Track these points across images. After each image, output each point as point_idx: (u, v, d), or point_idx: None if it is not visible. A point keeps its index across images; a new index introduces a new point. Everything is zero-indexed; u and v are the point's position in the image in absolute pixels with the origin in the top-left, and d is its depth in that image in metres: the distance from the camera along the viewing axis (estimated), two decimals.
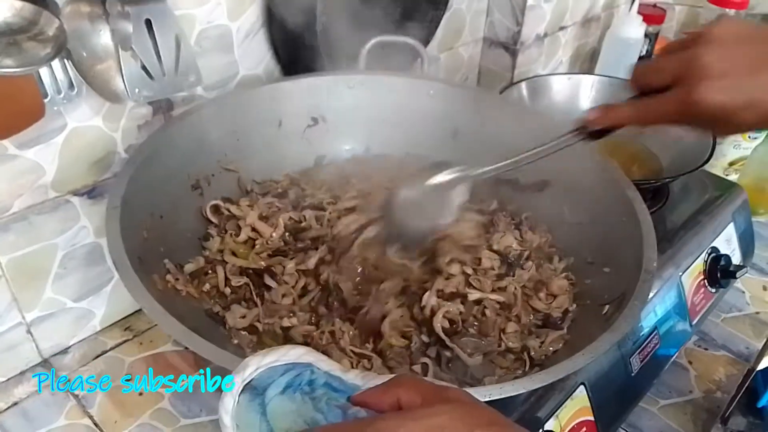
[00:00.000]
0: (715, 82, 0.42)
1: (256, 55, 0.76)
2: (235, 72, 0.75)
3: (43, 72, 0.57)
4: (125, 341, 0.75)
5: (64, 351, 0.73)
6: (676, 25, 1.32)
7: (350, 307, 0.58)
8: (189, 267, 0.60)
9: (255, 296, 0.60)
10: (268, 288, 0.61)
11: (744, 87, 0.42)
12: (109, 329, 0.76)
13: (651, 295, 0.64)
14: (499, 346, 0.56)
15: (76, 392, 0.68)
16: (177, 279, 0.56)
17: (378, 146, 0.78)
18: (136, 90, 0.62)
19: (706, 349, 0.79)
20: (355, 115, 0.76)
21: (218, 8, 0.69)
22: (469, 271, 0.61)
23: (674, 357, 0.76)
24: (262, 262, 0.63)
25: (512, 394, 0.41)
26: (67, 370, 0.70)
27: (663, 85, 0.45)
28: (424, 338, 0.56)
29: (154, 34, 0.61)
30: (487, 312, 0.58)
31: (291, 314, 0.58)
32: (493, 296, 0.59)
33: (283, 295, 0.59)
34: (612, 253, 0.60)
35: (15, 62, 0.47)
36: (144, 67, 0.62)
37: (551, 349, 0.54)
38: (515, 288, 0.60)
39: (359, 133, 0.77)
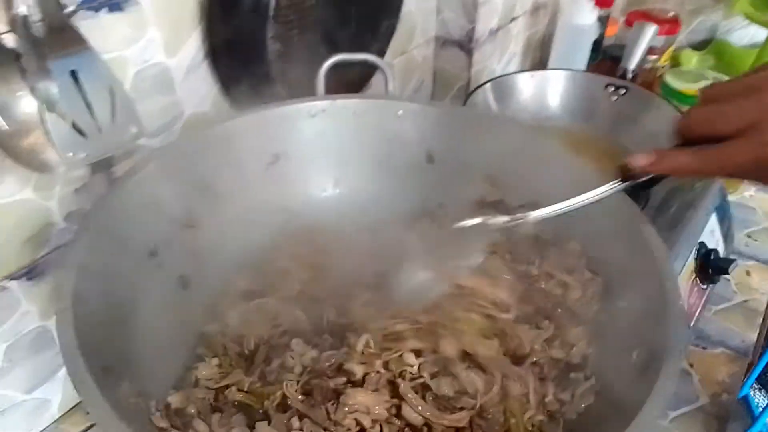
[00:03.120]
0: None
1: (201, 91, 0.67)
2: (180, 112, 0.66)
3: None
4: (90, 427, 0.66)
5: None
6: (622, 4, 1.30)
7: None
8: (174, 400, 0.49)
9: None
10: None
11: None
12: (69, 416, 0.68)
13: None
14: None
15: None
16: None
17: (348, 178, 0.71)
18: (70, 154, 0.53)
19: (704, 348, 0.77)
20: (319, 147, 0.69)
21: (152, 45, 0.61)
22: None
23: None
24: None
25: None
26: None
27: (728, 134, 0.40)
28: None
29: (81, 87, 0.53)
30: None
31: None
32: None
33: None
34: (623, 285, 0.55)
35: None
36: (75, 126, 0.53)
37: (583, 405, 0.50)
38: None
39: (327, 166, 0.70)
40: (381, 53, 0.82)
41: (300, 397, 0.48)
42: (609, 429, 0.43)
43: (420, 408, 0.48)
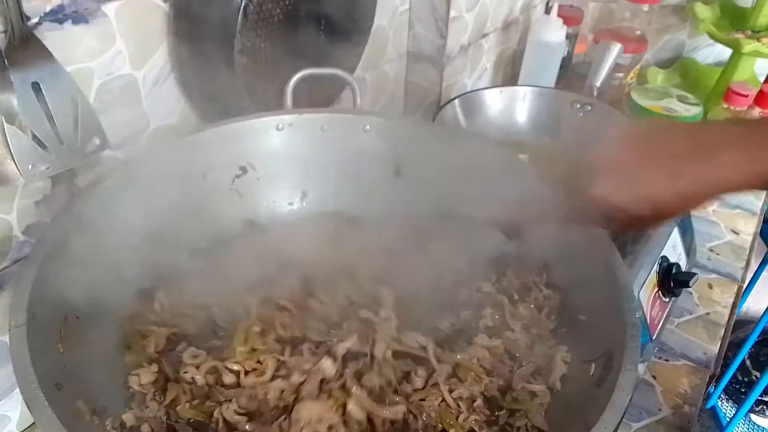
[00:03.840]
0: (602, 180, 0.43)
1: (167, 103, 0.67)
2: (145, 125, 0.66)
3: None
4: None
5: None
6: (591, 22, 1.33)
7: None
8: (128, 418, 0.48)
9: None
10: None
11: (629, 182, 0.43)
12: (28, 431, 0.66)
13: None
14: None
15: None
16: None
17: (316, 192, 0.71)
18: (29, 166, 0.53)
19: (666, 360, 0.79)
20: (287, 160, 0.69)
21: (119, 57, 0.60)
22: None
23: (641, 374, 0.75)
24: None
25: None
26: None
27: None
28: None
29: (44, 99, 0.52)
30: None
31: None
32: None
33: None
34: (583, 299, 0.56)
35: None
36: (36, 138, 0.53)
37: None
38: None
39: (294, 179, 0.70)
40: (352, 68, 0.83)
41: (244, 419, 0.48)
42: None
43: (363, 402, 0.48)
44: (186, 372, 0.51)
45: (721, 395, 1.74)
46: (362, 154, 0.70)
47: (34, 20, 0.53)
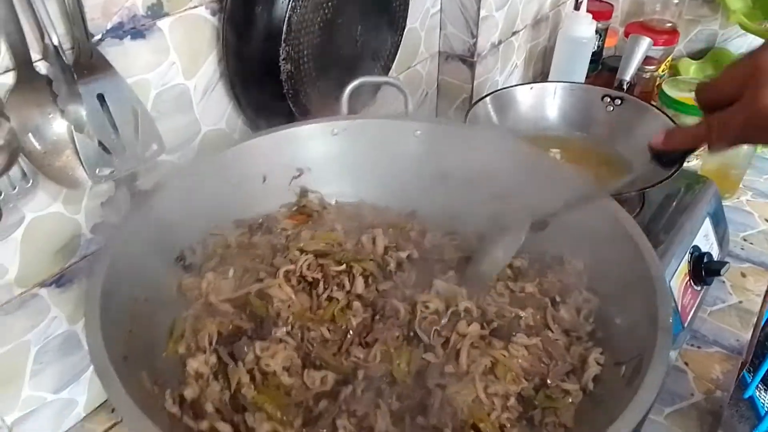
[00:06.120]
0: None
1: (216, 109, 0.72)
2: (197, 130, 0.71)
3: None
4: (114, 425, 0.71)
5: None
6: (621, 15, 1.33)
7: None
8: (188, 392, 0.52)
9: None
10: None
11: None
12: (94, 414, 0.72)
13: None
14: None
15: None
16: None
17: (368, 193, 0.74)
18: (97, 171, 0.57)
19: (699, 347, 0.80)
20: (341, 163, 0.72)
21: (172, 68, 0.65)
22: None
23: (673, 361, 0.77)
24: None
25: None
26: None
27: (728, 99, 0.41)
28: None
29: (108, 109, 0.57)
30: None
31: None
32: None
33: None
34: (620, 302, 0.57)
35: None
36: (102, 145, 0.57)
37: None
38: None
39: (347, 182, 0.74)
40: (387, 69, 0.86)
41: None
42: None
43: None
44: (268, 365, 0.53)
45: (759, 385, 1.73)
46: (413, 159, 0.72)
47: (97, 37, 0.58)
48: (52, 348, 0.65)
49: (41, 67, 0.53)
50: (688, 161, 1.06)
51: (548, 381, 0.54)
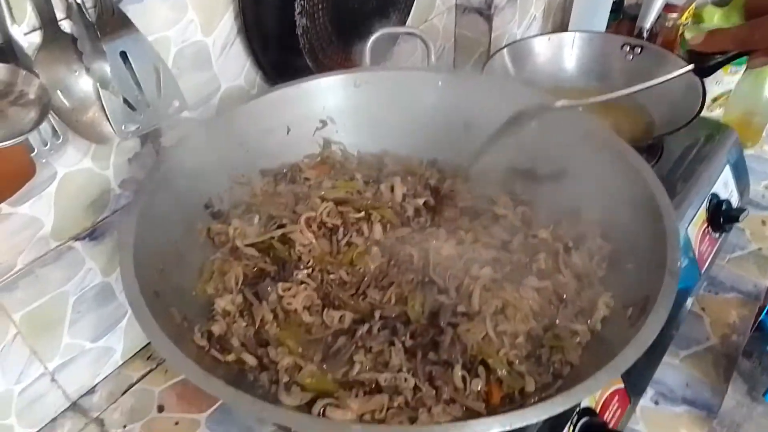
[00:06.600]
0: None
1: (235, 66, 0.73)
2: (217, 87, 0.72)
3: None
4: (150, 371, 0.74)
5: (91, 391, 0.72)
6: None
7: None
8: (216, 328, 0.55)
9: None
10: None
11: None
12: (131, 362, 0.76)
13: None
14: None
15: (113, 431, 0.68)
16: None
17: (390, 143, 0.75)
18: (123, 127, 0.60)
19: (716, 293, 0.81)
20: (363, 115, 0.74)
21: (191, 25, 0.66)
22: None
23: (689, 306, 0.78)
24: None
25: (540, 419, 0.41)
26: (97, 410, 0.70)
27: None
28: None
29: (131, 66, 0.59)
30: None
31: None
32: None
33: None
34: (633, 248, 0.57)
35: (2, 134, 0.45)
36: (126, 101, 0.60)
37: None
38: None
39: (369, 133, 0.75)
40: (402, 23, 0.86)
41: None
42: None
43: None
44: (290, 304, 0.57)
45: None
46: (436, 109, 0.73)
47: None
48: (88, 298, 0.68)
49: (66, 26, 0.55)
50: (710, 110, 1.05)
51: (557, 322, 0.55)
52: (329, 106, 0.73)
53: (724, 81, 1.03)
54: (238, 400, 0.41)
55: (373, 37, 0.73)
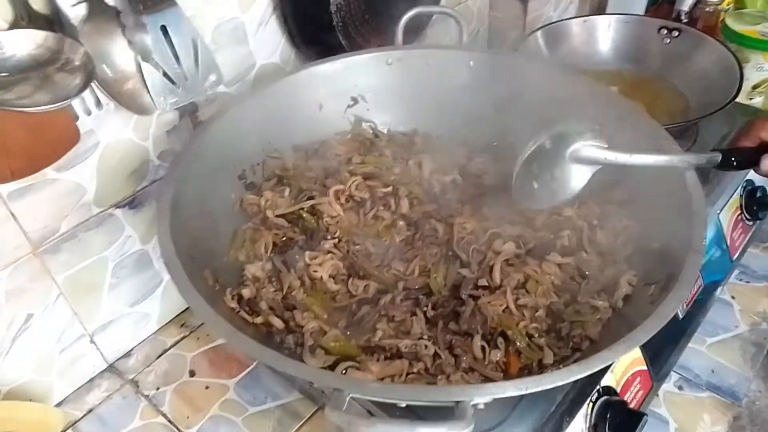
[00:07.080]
0: None
1: (270, 43, 0.75)
2: (252, 63, 0.74)
3: None
4: (183, 338, 0.77)
5: (127, 354, 0.76)
6: None
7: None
8: (246, 292, 0.57)
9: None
10: None
11: None
12: (166, 328, 0.79)
13: None
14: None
15: (146, 393, 0.71)
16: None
17: (420, 121, 0.76)
18: (162, 99, 0.62)
19: (747, 282, 0.80)
20: (395, 93, 0.75)
21: (229, 2, 0.68)
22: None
23: (718, 294, 0.77)
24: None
25: (555, 385, 0.41)
26: (132, 373, 0.74)
27: None
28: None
29: (170, 40, 0.61)
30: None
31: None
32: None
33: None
34: (660, 229, 0.57)
35: (49, 98, 0.47)
36: (166, 75, 0.62)
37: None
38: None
39: (401, 111, 0.76)
40: (435, 2, 0.87)
41: None
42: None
43: None
44: (316, 272, 0.58)
45: None
46: (466, 89, 0.74)
47: None
48: (127, 264, 0.71)
49: None
50: (750, 98, 1.03)
51: (578, 298, 0.56)
52: (361, 84, 0.74)
53: (765, 67, 1.00)
54: (266, 356, 0.43)
55: (406, 16, 0.73)
